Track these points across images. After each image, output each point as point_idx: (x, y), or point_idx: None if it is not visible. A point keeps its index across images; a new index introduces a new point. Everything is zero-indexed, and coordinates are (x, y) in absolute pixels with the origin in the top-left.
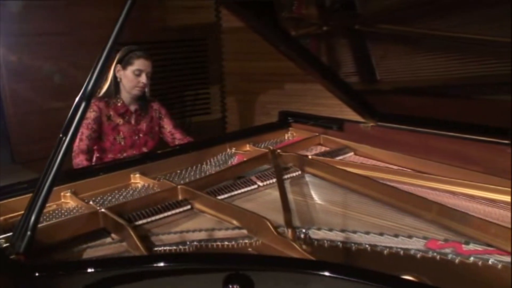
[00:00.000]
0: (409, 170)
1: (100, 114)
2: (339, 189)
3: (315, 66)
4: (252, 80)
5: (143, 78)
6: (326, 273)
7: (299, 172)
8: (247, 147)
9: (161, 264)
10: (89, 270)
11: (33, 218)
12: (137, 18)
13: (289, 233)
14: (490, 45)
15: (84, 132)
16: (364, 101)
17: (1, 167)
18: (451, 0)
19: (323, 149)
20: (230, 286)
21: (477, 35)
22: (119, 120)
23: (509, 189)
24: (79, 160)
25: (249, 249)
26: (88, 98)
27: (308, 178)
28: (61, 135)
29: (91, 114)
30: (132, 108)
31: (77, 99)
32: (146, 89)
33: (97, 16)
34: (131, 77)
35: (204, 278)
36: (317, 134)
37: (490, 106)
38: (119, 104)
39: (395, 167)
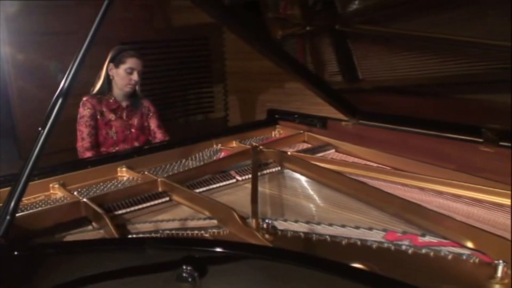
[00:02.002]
0: (387, 167)
1: (94, 111)
2: (314, 184)
3: (292, 65)
4: (253, 79)
5: (135, 76)
6: (262, 256)
7: (279, 168)
8: (233, 144)
9: (122, 246)
10: (62, 250)
11: (12, 204)
12: (141, 17)
13: (253, 223)
14: (463, 45)
15: (84, 130)
16: (344, 99)
17: (8, 163)
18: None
19: (306, 146)
20: (184, 267)
21: (451, 35)
22: (111, 116)
23: (478, 186)
24: (87, 157)
25: (214, 237)
26: (65, 94)
27: (286, 173)
28: (40, 129)
29: (86, 112)
30: (124, 104)
31: (55, 95)
32: (137, 87)
33: None
34: (123, 75)
35: (162, 261)
36: (301, 131)
37: (465, 105)
38: (111, 101)
39: (374, 164)
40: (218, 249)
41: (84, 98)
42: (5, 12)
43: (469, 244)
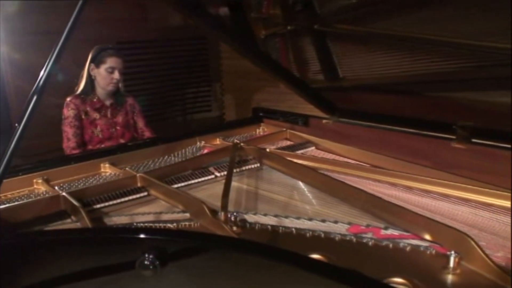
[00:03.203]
0: (363, 164)
1: (78, 111)
2: (290, 180)
3: (270, 65)
4: (249, 78)
5: (116, 75)
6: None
7: (258, 164)
8: (217, 141)
9: (86, 235)
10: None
11: None
12: (139, 17)
13: (222, 216)
14: (436, 44)
15: (69, 131)
16: (324, 97)
17: None
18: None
19: (287, 143)
20: (146, 255)
21: (423, 34)
22: (96, 115)
23: (446, 182)
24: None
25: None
26: (39, 92)
27: (265, 169)
28: (16, 124)
29: (70, 113)
30: (108, 102)
31: (30, 93)
32: (120, 84)
33: (100, 15)
34: (105, 74)
35: (126, 249)
36: (284, 129)
37: (440, 103)
38: (94, 100)
39: (352, 161)
40: (179, 239)
41: (68, 99)
42: (4, 12)
43: (428, 237)
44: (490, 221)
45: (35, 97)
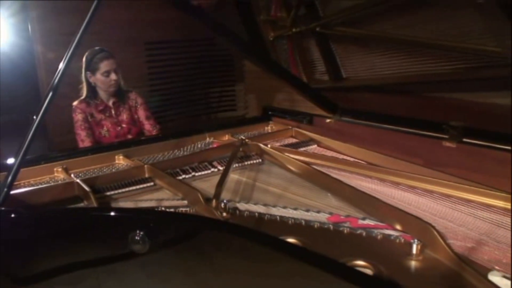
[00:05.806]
0: (360, 161)
1: (85, 114)
2: (287, 174)
3: (270, 66)
4: (271, 78)
5: (113, 76)
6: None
7: (260, 159)
8: (226, 137)
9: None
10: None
11: (9, 179)
12: (166, 17)
13: (213, 203)
14: (429, 46)
15: (81, 133)
16: (325, 97)
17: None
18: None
19: (292, 140)
20: (137, 231)
21: (417, 37)
22: (101, 116)
23: (430, 178)
24: (89, 146)
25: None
26: (54, 89)
27: (266, 164)
28: (34, 117)
29: (79, 117)
30: (110, 102)
31: (47, 90)
32: (120, 81)
33: (125, 16)
34: (103, 79)
35: (120, 226)
36: (290, 127)
37: (434, 103)
38: (98, 102)
39: (349, 158)
40: (168, 219)
41: (74, 104)
42: (39, 13)
43: (399, 227)
44: (467, 216)
45: (50, 93)
